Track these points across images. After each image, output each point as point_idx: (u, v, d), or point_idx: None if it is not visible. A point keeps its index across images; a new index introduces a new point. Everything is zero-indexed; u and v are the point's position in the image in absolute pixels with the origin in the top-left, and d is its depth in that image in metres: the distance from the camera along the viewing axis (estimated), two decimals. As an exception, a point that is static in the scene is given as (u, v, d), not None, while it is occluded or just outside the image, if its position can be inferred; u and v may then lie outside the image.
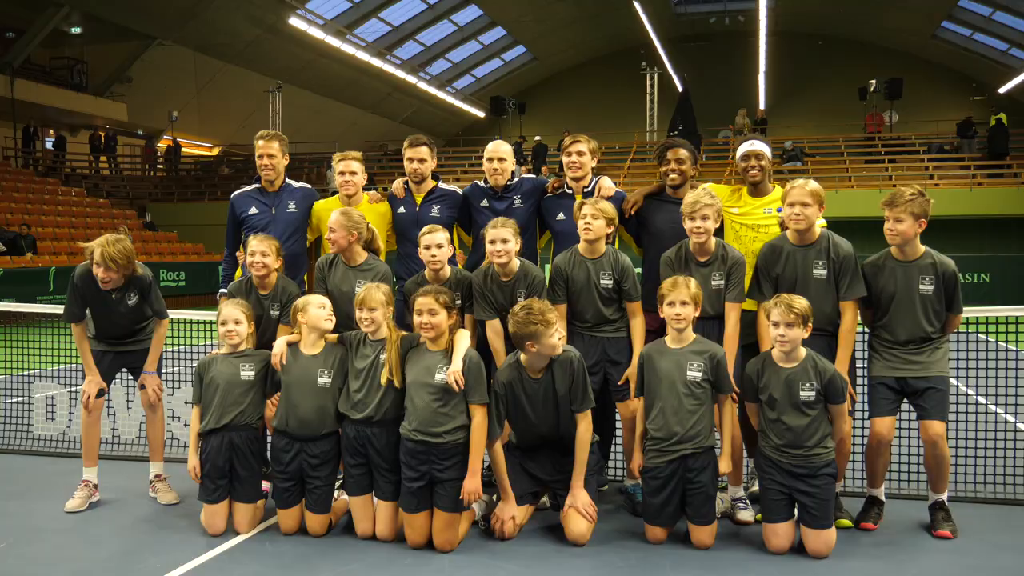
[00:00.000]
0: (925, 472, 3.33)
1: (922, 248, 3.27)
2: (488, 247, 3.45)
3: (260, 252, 3.55)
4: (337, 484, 3.42)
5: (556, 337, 3.10)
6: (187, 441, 3.43)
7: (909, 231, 3.18)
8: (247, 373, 3.37)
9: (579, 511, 3.17)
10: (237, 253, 4.00)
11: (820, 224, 3.37)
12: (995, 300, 12.74)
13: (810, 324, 3.06)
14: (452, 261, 3.68)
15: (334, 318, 3.37)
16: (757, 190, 3.63)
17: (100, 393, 3.73)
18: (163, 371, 3.92)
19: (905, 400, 3.29)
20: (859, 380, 3.44)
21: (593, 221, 3.43)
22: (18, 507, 3.69)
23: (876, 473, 3.34)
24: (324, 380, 3.28)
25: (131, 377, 3.95)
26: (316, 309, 3.32)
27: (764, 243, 3.46)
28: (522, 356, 3.19)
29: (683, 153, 3.70)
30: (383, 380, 3.19)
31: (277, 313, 3.63)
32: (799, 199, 3.25)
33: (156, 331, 3.76)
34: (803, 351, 3.10)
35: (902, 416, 3.35)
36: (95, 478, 3.73)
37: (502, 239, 3.40)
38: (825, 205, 3.31)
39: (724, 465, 3.19)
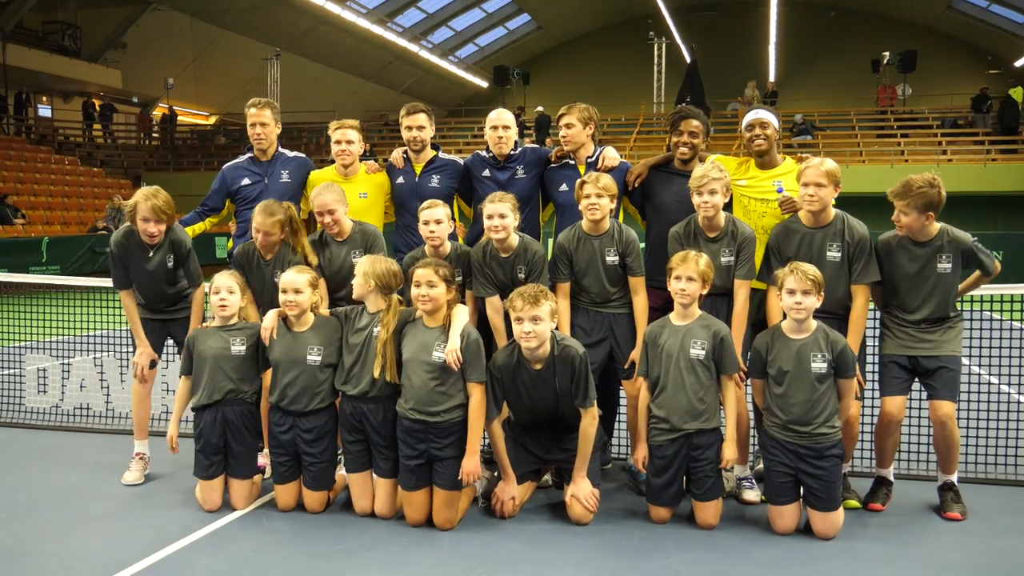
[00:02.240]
0: (935, 452, 3.26)
1: (936, 227, 3.16)
2: (486, 223, 3.34)
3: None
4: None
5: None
6: (188, 416, 3.36)
7: (915, 224, 3.11)
8: (238, 348, 3.29)
9: (580, 502, 3.11)
10: (230, 224, 3.90)
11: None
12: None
13: (822, 294, 2.99)
14: (452, 236, 3.58)
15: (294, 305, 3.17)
16: (764, 161, 3.52)
17: (152, 364, 3.67)
18: None
19: (916, 380, 3.22)
20: (868, 363, 3.35)
21: (599, 200, 3.32)
22: (10, 480, 3.65)
23: (885, 453, 3.28)
24: (314, 357, 3.21)
25: (176, 347, 3.81)
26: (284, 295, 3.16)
27: (775, 221, 3.35)
28: (522, 345, 3.08)
29: (696, 125, 3.57)
30: (375, 373, 3.11)
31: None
32: (813, 179, 3.14)
33: (193, 299, 3.70)
34: (813, 323, 3.03)
35: (912, 395, 3.28)
36: (147, 450, 3.69)
37: (500, 214, 3.29)
38: (841, 186, 3.19)
39: (729, 451, 3.09)
